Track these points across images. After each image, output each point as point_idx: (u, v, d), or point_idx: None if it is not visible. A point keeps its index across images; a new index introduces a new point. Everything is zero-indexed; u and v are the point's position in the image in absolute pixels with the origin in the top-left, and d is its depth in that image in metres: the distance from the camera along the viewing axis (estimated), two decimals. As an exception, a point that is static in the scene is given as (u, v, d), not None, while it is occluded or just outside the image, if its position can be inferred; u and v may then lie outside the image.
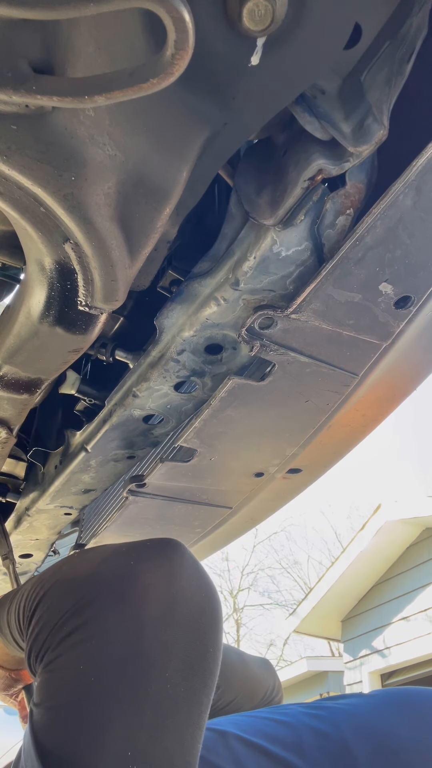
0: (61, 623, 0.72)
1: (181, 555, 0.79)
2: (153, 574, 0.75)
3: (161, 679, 0.67)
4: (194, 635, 0.72)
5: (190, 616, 0.73)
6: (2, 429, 1.05)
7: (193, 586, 0.76)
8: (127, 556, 0.78)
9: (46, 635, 0.73)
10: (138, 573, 0.74)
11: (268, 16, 0.52)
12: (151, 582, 0.73)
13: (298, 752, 0.90)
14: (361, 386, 1.00)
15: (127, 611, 0.71)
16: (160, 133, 0.61)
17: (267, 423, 1.04)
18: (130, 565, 0.76)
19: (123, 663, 0.67)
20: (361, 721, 0.99)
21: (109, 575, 0.76)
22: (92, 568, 0.79)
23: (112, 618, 0.70)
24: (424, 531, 6.91)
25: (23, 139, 0.55)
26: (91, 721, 0.64)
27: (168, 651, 0.69)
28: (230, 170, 0.82)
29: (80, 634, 0.70)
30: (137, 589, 0.72)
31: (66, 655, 0.69)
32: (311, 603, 7.80)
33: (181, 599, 0.73)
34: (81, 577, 0.78)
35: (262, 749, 0.89)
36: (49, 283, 0.73)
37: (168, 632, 0.70)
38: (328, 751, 0.90)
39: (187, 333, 0.90)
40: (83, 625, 0.71)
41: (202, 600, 0.76)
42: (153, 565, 0.76)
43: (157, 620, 0.70)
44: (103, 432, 1.13)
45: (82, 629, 0.70)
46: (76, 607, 0.73)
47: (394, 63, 0.65)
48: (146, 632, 0.69)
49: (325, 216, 0.75)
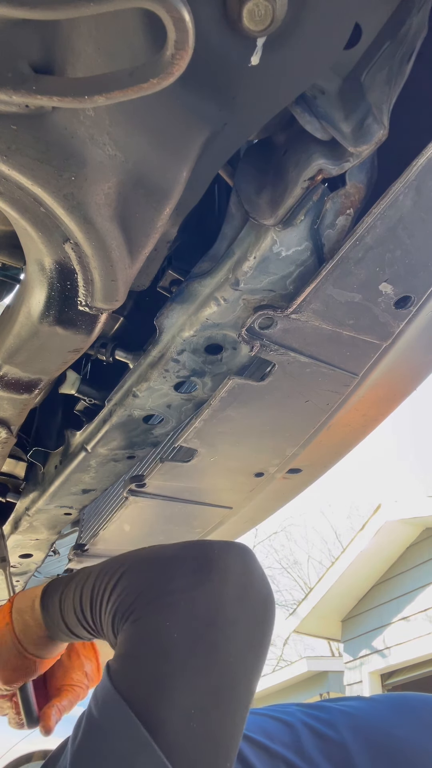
0: (148, 590, 0.81)
1: (253, 555, 0.89)
2: (233, 562, 0.84)
3: (228, 651, 0.76)
4: (258, 619, 0.82)
5: (258, 602, 0.83)
6: (2, 429, 1.05)
7: (261, 578, 0.86)
8: (208, 545, 0.88)
9: (133, 599, 0.81)
10: (219, 558, 0.84)
11: (268, 16, 0.52)
12: (231, 568, 0.83)
13: (297, 751, 0.90)
14: (361, 386, 1.00)
15: (209, 587, 0.81)
16: (160, 133, 0.61)
17: (267, 423, 1.04)
18: (213, 551, 0.86)
19: (202, 629, 0.76)
20: (360, 723, 0.99)
21: (194, 557, 0.86)
22: (174, 551, 0.88)
23: (196, 589, 0.80)
24: (424, 531, 6.91)
25: (23, 139, 0.55)
26: (165, 673, 0.72)
27: (236, 628, 0.79)
28: (230, 170, 0.82)
29: (168, 599, 0.79)
30: (219, 570, 0.82)
31: (153, 615, 0.78)
32: (311, 603, 7.80)
33: (253, 588, 0.83)
34: (166, 556, 0.88)
35: (263, 746, 0.90)
36: (49, 283, 0.73)
37: (239, 612, 0.80)
38: (326, 751, 0.91)
39: (187, 333, 0.90)
40: (171, 593, 0.80)
41: (266, 591, 0.86)
42: (232, 555, 0.86)
43: (232, 600, 0.80)
44: (103, 432, 1.13)
45: (170, 596, 0.79)
46: (163, 579, 0.82)
47: (394, 63, 0.65)
48: (225, 608, 0.79)
49: (325, 216, 0.75)
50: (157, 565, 0.86)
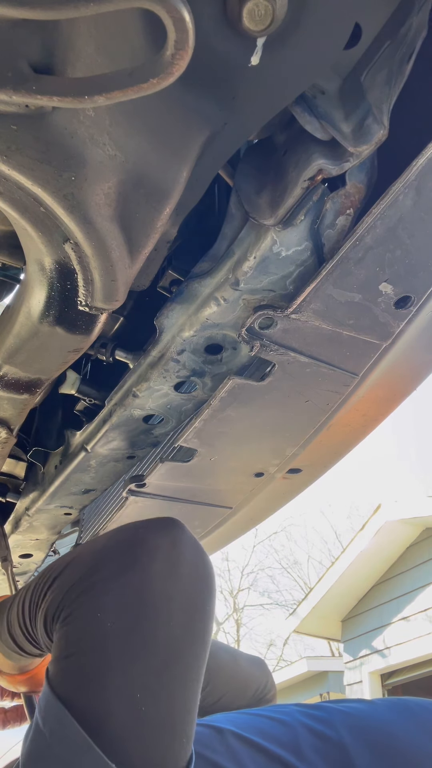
0: (75, 585, 0.78)
1: (182, 527, 0.87)
2: (159, 539, 0.82)
3: (167, 626, 0.74)
4: (194, 592, 0.80)
5: (190, 574, 0.81)
6: (2, 429, 1.05)
7: (193, 552, 0.84)
8: (133, 528, 0.86)
9: (60, 597, 0.79)
10: (145, 538, 0.82)
11: (268, 16, 0.52)
12: (158, 545, 0.81)
13: (294, 751, 0.90)
14: (361, 386, 1.00)
15: (137, 567, 0.78)
16: (160, 133, 0.61)
17: (267, 423, 1.04)
18: (138, 533, 0.83)
19: (134, 612, 0.74)
20: (359, 723, 0.99)
21: (119, 542, 0.83)
22: (103, 540, 0.86)
23: (124, 574, 0.77)
24: (424, 531, 6.91)
25: (23, 139, 0.55)
26: (104, 664, 0.70)
27: (173, 602, 0.77)
28: (230, 170, 0.82)
29: (94, 590, 0.76)
30: (145, 550, 0.80)
31: (81, 608, 0.76)
32: (311, 603, 7.80)
33: (184, 560, 0.81)
34: (95, 548, 0.85)
35: (259, 747, 0.89)
36: (49, 283, 0.73)
37: (172, 586, 0.78)
38: (324, 751, 0.90)
39: (187, 333, 0.90)
40: (97, 582, 0.77)
41: (200, 563, 0.84)
42: (158, 533, 0.83)
43: (163, 575, 0.78)
44: (103, 432, 1.13)
45: (96, 586, 0.77)
46: (89, 571, 0.79)
47: (394, 63, 0.65)
48: (154, 585, 0.77)
49: (325, 216, 0.75)
50: (85, 559, 0.84)
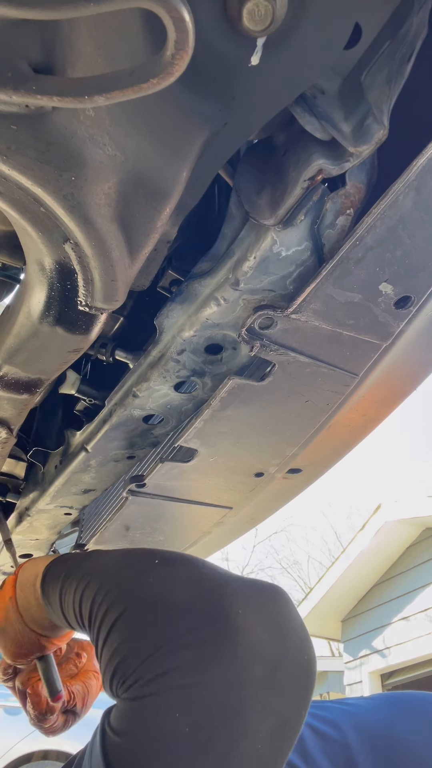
0: (155, 658, 0.68)
1: (289, 609, 0.74)
2: (261, 629, 0.70)
3: (253, 740, 0.65)
4: (292, 699, 0.70)
5: (291, 679, 0.70)
6: (2, 429, 1.05)
7: (297, 647, 0.72)
8: (234, 598, 0.72)
9: (136, 665, 0.69)
10: (245, 625, 0.69)
11: (268, 16, 0.52)
12: (258, 639, 0.69)
13: (300, 754, 0.90)
14: (361, 386, 1.00)
15: (231, 665, 0.67)
16: (160, 133, 0.61)
17: (267, 423, 1.04)
18: (238, 613, 0.70)
19: (219, 719, 0.65)
20: (362, 722, 0.99)
21: (209, 613, 0.71)
22: (185, 597, 0.74)
23: (215, 669, 0.66)
24: (424, 531, 6.91)
25: (23, 139, 0.55)
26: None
27: (265, 713, 0.66)
28: (230, 170, 0.82)
29: (178, 678, 0.66)
30: (242, 644, 0.68)
31: (160, 696, 0.66)
32: (311, 603, 7.81)
33: (285, 661, 0.70)
34: (171, 606, 0.73)
35: None
36: (49, 283, 0.73)
37: (269, 694, 0.67)
38: (329, 752, 0.91)
39: (187, 333, 0.90)
40: (179, 668, 0.67)
41: (304, 663, 0.72)
42: (263, 618, 0.71)
43: (258, 682, 0.67)
44: (103, 432, 1.13)
45: (178, 673, 0.67)
46: (172, 645, 0.69)
47: (394, 63, 0.65)
48: (248, 692, 0.66)
49: (325, 216, 0.75)
50: (160, 619, 0.72)
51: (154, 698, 0.66)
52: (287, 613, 0.74)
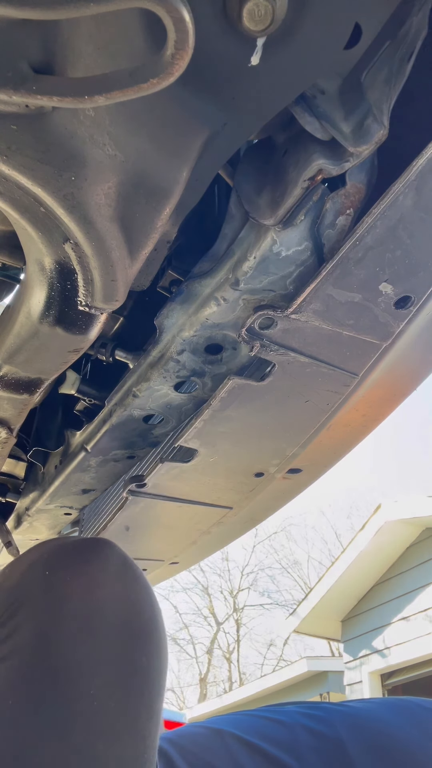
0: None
1: (104, 559, 0.72)
2: (70, 584, 0.68)
3: (85, 698, 0.61)
4: (120, 648, 0.66)
5: (112, 627, 0.66)
6: (2, 429, 1.05)
7: (116, 594, 0.69)
8: (48, 564, 0.71)
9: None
10: (55, 583, 0.68)
11: (268, 16, 0.52)
12: (67, 593, 0.67)
13: (294, 753, 0.89)
14: (361, 386, 1.00)
15: (42, 628, 0.64)
16: (160, 133, 0.61)
17: (267, 423, 1.04)
18: (45, 576, 0.69)
19: (41, 685, 0.61)
20: (358, 722, 0.99)
21: (29, 586, 0.69)
22: (16, 578, 0.72)
23: (28, 635, 0.64)
24: (424, 531, 6.91)
25: (23, 139, 0.55)
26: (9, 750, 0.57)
27: (89, 668, 0.63)
28: (230, 170, 0.82)
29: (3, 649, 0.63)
30: (53, 603, 0.66)
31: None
32: (311, 603, 7.81)
33: (101, 611, 0.67)
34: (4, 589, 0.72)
35: (259, 749, 0.89)
36: (49, 283, 0.73)
37: (86, 648, 0.64)
38: (323, 751, 0.90)
39: (187, 333, 0.90)
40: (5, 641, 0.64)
41: (128, 608, 0.69)
42: (71, 572, 0.69)
43: (73, 636, 0.64)
44: (103, 432, 1.13)
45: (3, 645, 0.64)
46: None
47: (394, 63, 0.65)
48: (63, 649, 0.63)
49: (325, 216, 0.75)
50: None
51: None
52: (101, 562, 0.71)
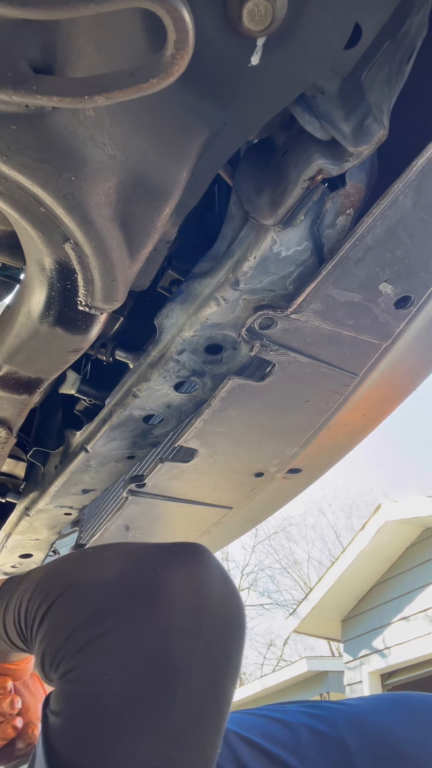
0: (78, 631, 0.69)
1: (207, 561, 0.76)
2: (179, 582, 0.72)
3: (187, 689, 0.67)
4: (220, 644, 0.71)
5: (216, 625, 0.72)
6: (2, 429, 1.05)
7: (219, 595, 0.74)
8: (150, 563, 0.76)
9: (60, 642, 0.70)
10: (163, 581, 0.72)
11: (268, 16, 0.52)
12: (177, 590, 0.71)
13: (296, 753, 0.89)
14: (361, 386, 1.00)
15: (151, 621, 0.69)
16: (160, 133, 0.61)
17: (267, 423, 1.04)
18: (155, 572, 0.73)
19: (147, 674, 0.66)
20: (359, 720, 0.99)
21: (132, 582, 0.73)
22: (112, 573, 0.75)
23: (136, 628, 0.68)
24: (424, 531, 6.91)
25: (23, 139, 0.55)
26: (113, 732, 0.63)
27: (194, 661, 0.68)
28: (230, 170, 0.82)
29: (101, 644, 0.67)
30: (162, 598, 0.70)
31: (86, 666, 0.67)
32: (311, 603, 7.80)
33: (208, 608, 0.72)
34: (100, 583, 0.74)
35: (261, 748, 0.89)
36: (49, 283, 0.73)
37: (194, 642, 0.69)
38: (325, 750, 0.90)
39: (187, 333, 0.90)
40: (104, 635, 0.68)
41: (228, 609, 0.74)
42: (179, 572, 0.73)
43: (183, 630, 0.69)
44: (103, 432, 1.13)
45: (103, 639, 0.68)
46: (96, 615, 0.70)
47: (394, 63, 0.65)
48: (171, 642, 0.68)
49: (325, 216, 0.75)
50: (90, 595, 0.73)
51: (83, 669, 0.67)
52: (206, 566, 0.75)
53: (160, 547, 0.80)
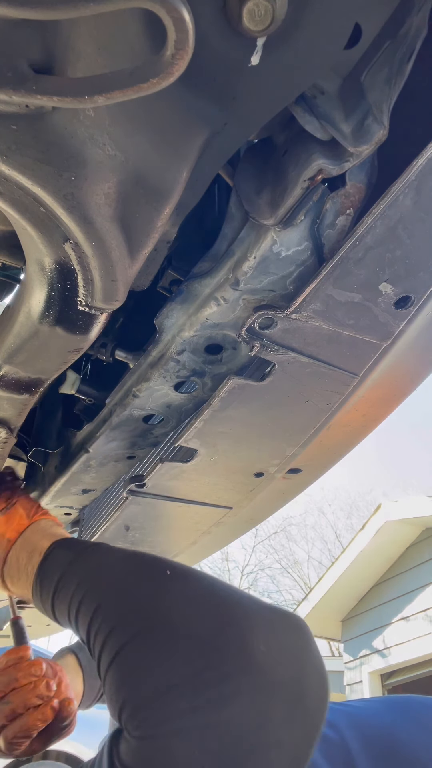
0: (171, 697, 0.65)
1: (310, 647, 0.73)
2: (284, 668, 0.69)
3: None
4: (308, 732, 0.70)
5: (307, 716, 0.70)
6: (2, 429, 1.05)
7: (316, 684, 0.71)
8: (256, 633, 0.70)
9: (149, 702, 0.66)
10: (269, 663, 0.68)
11: (268, 16, 0.52)
12: (282, 678, 0.68)
13: None
14: (361, 386, 1.00)
15: (252, 706, 0.65)
16: (160, 133, 0.61)
17: (267, 423, 1.04)
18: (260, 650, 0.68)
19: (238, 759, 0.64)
20: (361, 723, 0.99)
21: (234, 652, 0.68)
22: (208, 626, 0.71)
23: (235, 709, 0.64)
24: (424, 531, 6.91)
25: (23, 139, 0.55)
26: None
27: (281, 750, 0.66)
28: (230, 170, 0.82)
29: (196, 718, 0.64)
30: (267, 684, 0.66)
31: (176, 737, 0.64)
32: (311, 603, 7.81)
33: (305, 700, 0.69)
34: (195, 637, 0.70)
35: None
36: (49, 283, 0.73)
37: (286, 732, 0.67)
38: (327, 752, 0.90)
39: (187, 333, 0.90)
40: (200, 708, 0.64)
41: (320, 700, 0.72)
42: (285, 657, 0.70)
43: (279, 720, 0.66)
44: (103, 432, 1.13)
45: (200, 713, 0.64)
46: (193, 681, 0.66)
47: (394, 63, 0.65)
48: (268, 731, 0.65)
49: (325, 216, 0.75)
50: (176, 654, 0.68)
51: (170, 739, 0.64)
52: (309, 651, 0.72)
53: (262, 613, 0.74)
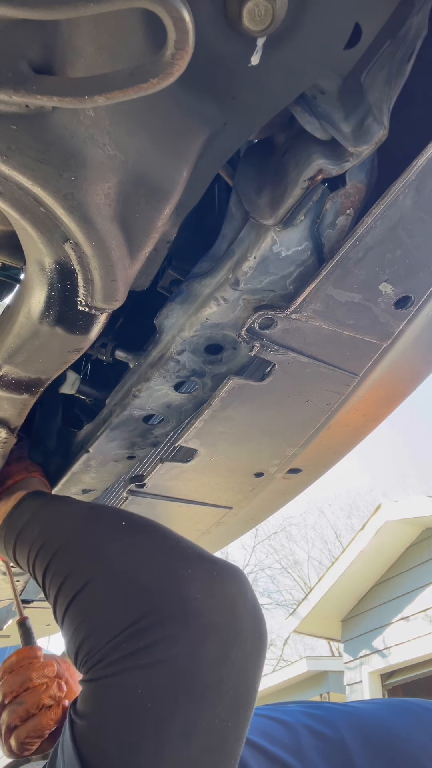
0: (120, 639, 0.71)
1: (244, 594, 0.79)
2: (217, 612, 0.75)
3: (211, 715, 0.69)
4: (245, 674, 0.74)
5: (243, 656, 0.75)
6: (2, 429, 1.05)
7: (250, 628, 0.77)
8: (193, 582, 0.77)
9: (100, 644, 0.72)
10: (203, 610, 0.74)
11: (268, 16, 0.52)
12: (214, 622, 0.74)
13: (296, 754, 0.90)
14: (361, 386, 1.00)
15: (188, 647, 0.71)
16: (160, 133, 0.61)
17: (267, 423, 1.04)
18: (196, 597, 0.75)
19: (179, 696, 0.69)
20: (360, 723, 0.99)
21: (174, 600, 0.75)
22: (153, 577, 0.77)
23: (174, 652, 0.70)
24: (424, 531, 6.91)
25: (23, 139, 0.55)
26: (140, 746, 0.66)
27: (221, 689, 0.71)
28: (230, 170, 0.82)
29: (141, 658, 0.70)
30: (200, 627, 0.73)
31: (123, 675, 0.70)
32: (311, 603, 7.80)
33: (239, 642, 0.75)
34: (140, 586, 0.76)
35: (262, 749, 0.90)
36: (49, 283, 0.73)
37: (223, 671, 0.72)
38: (325, 751, 0.91)
39: (187, 333, 0.90)
40: (144, 648, 0.70)
41: (255, 641, 0.77)
42: (218, 602, 0.76)
43: (215, 659, 0.72)
44: (103, 432, 1.13)
45: (144, 653, 0.70)
46: (139, 625, 0.72)
47: (394, 63, 0.65)
48: (205, 669, 0.71)
49: (325, 216, 0.75)
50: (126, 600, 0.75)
51: (117, 678, 0.70)
52: (242, 597, 0.78)
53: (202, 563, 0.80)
